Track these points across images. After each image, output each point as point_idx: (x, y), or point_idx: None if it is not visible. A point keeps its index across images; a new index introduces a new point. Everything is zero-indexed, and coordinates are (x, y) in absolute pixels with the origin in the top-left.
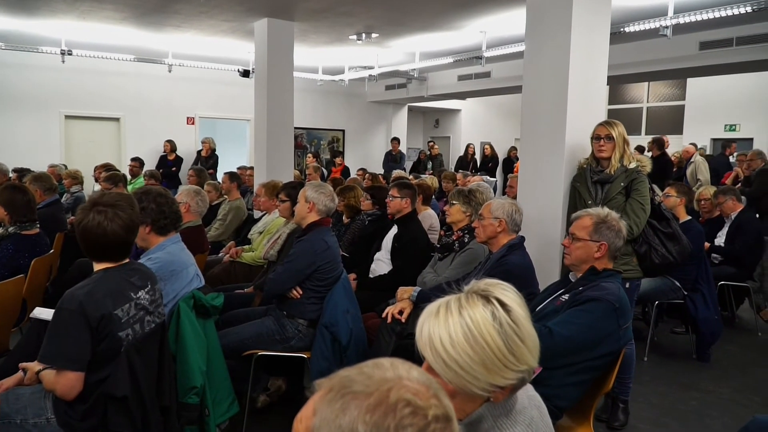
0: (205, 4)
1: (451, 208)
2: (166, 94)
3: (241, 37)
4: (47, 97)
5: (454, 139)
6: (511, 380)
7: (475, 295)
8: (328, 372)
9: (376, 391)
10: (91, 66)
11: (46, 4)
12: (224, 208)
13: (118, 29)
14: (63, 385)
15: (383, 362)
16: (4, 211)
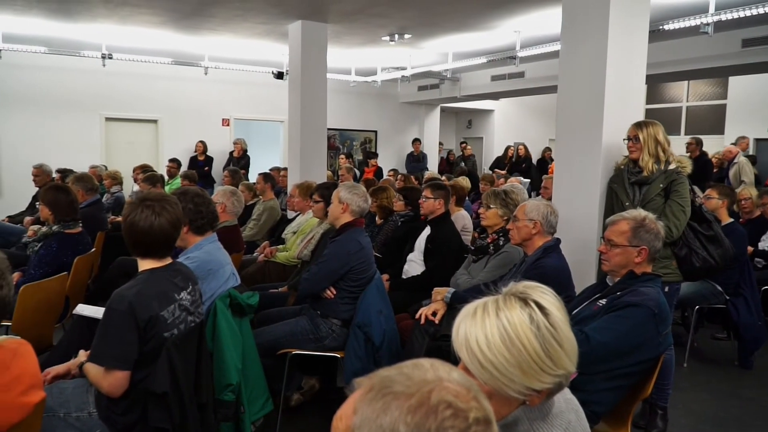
0: (241, 7)
1: (487, 211)
2: (201, 97)
3: (276, 40)
4: (88, 99)
5: (487, 140)
6: (548, 384)
7: (513, 297)
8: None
9: (417, 392)
10: (130, 69)
11: (88, 9)
12: (258, 209)
13: (156, 33)
14: (110, 383)
15: (423, 363)
16: (48, 211)
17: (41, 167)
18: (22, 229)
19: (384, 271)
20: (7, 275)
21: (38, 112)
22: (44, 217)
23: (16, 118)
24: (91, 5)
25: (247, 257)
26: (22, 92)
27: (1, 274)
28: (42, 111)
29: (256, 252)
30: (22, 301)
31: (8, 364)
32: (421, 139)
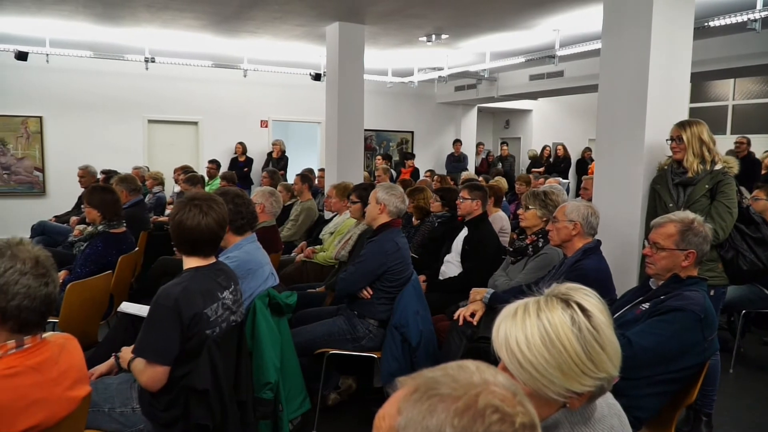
0: (280, 9)
1: (526, 212)
2: (241, 99)
3: (313, 41)
4: (132, 102)
5: (525, 140)
6: (589, 387)
7: (555, 299)
8: (398, 372)
9: (464, 395)
10: (172, 72)
11: (132, 14)
12: (296, 209)
13: (197, 36)
14: (149, 377)
15: (468, 365)
16: (96, 212)
17: (87, 168)
18: (69, 228)
19: (421, 272)
20: (53, 273)
21: (83, 114)
22: (91, 218)
23: (62, 120)
24: (135, 9)
25: (285, 257)
26: (68, 95)
27: (47, 272)
28: (87, 114)
29: (293, 252)
30: (68, 299)
31: (56, 359)
32: (458, 139)
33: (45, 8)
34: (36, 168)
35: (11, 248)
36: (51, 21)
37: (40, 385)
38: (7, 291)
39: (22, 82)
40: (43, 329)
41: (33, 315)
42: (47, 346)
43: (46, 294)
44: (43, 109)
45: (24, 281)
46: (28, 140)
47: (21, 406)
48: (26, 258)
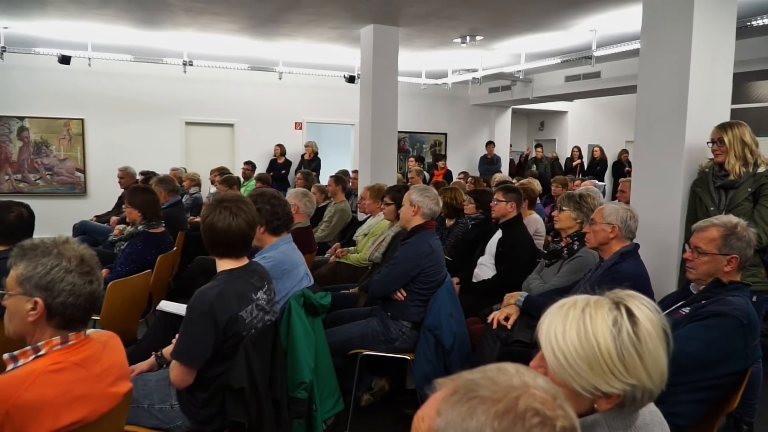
0: (315, 12)
1: (560, 214)
2: (276, 101)
3: (348, 44)
4: (170, 105)
5: (560, 142)
6: (616, 389)
7: (606, 299)
8: (431, 375)
9: (504, 397)
10: (209, 75)
11: (170, 18)
12: (330, 210)
13: (234, 40)
14: (176, 374)
15: (508, 368)
16: (136, 212)
17: (126, 169)
18: (109, 228)
19: (454, 275)
20: (97, 271)
21: (123, 117)
22: (131, 218)
23: (102, 122)
24: (174, 14)
25: (319, 258)
26: (109, 98)
27: (91, 270)
28: (126, 116)
29: (327, 253)
30: (109, 297)
31: (99, 355)
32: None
33: (87, 13)
34: (77, 169)
35: (57, 247)
36: (93, 25)
37: (84, 380)
38: (53, 288)
39: (65, 86)
40: (87, 326)
41: (78, 312)
42: (91, 343)
43: (90, 291)
44: (85, 112)
45: (69, 279)
46: (70, 142)
47: (65, 401)
48: (72, 256)
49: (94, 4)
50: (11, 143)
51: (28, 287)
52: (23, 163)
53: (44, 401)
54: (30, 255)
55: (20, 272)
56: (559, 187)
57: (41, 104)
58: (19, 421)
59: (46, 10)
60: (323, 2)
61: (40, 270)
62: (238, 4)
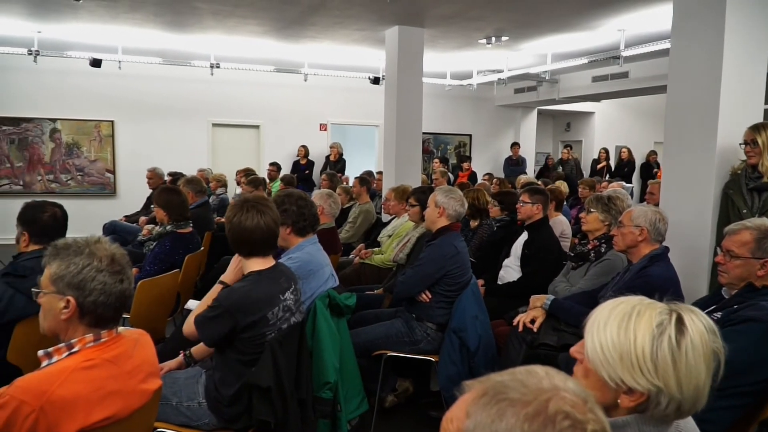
0: (340, 14)
1: (588, 215)
2: (301, 102)
3: (372, 45)
4: (197, 107)
5: (587, 143)
6: (640, 386)
7: (662, 305)
8: (456, 377)
9: (534, 400)
10: (235, 77)
11: (198, 21)
12: (354, 212)
13: (260, 42)
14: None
15: (537, 370)
16: (163, 212)
17: (154, 170)
18: (138, 228)
19: (478, 276)
20: (128, 270)
21: (152, 118)
22: (159, 218)
23: (132, 124)
24: (202, 17)
25: (343, 259)
26: (138, 100)
27: (122, 269)
28: (155, 117)
29: (351, 254)
30: (139, 296)
31: (131, 353)
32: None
33: (118, 17)
34: (107, 170)
35: (89, 246)
36: (123, 29)
37: (116, 377)
38: (84, 287)
39: (96, 88)
40: (118, 324)
41: (108, 310)
42: (122, 340)
43: (121, 290)
44: (115, 114)
45: (100, 278)
46: (101, 143)
47: (98, 397)
48: (103, 256)
49: (125, 8)
50: (43, 145)
51: (61, 286)
52: (55, 164)
53: (77, 397)
54: (63, 254)
55: (53, 271)
56: (587, 189)
57: (73, 106)
58: (53, 417)
59: (78, 14)
60: (349, 4)
61: (72, 269)
62: (265, 7)
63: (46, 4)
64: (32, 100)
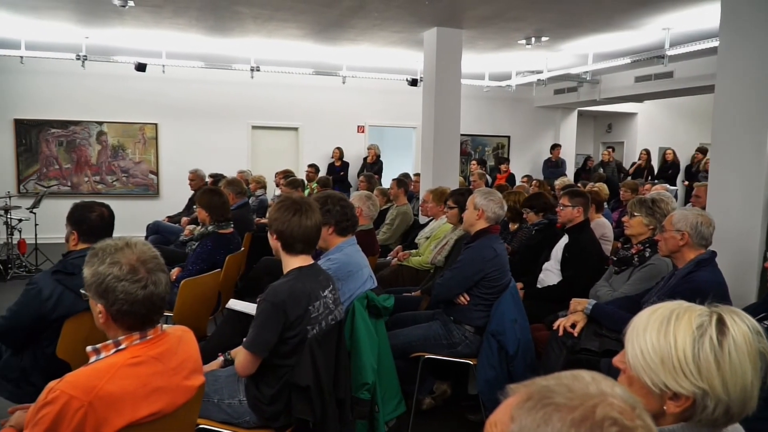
0: (379, 17)
1: (631, 219)
2: (339, 105)
3: (410, 47)
4: (237, 109)
5: (629, 144)
6: (684, 390)
7: (702, 307)
8: (494, 380)
9: (581, 405)
10: (275, 80)
11: (240, 25)
12: (392, 213)
13: (299, 45)
14: (240, 361)
15: (583, 375)
16: (205, 212)
17: (196, 172)
18: (180, 228)
19: (517, 280)
20: (155, 274)
21: (194, 121)
22: (201, 218)
23: (174, 126)
24: (243, 21)
25: (381, 261)
26: (180, 103)
27: (145, 276)
28: (197, 120)
29: (389, 256)
30: (182, 295)
31: (175, 349)
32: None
33: (162, 22)
34: (151, 171)
35: (111, 255)
36: (167, 33)
37: (161, 374)
38: (107, 297)
39: (141, 92)
40: (157, 323)
41: (134, 317)
42: (167, 337)
43: (145, 296)
44: (159, 116)
45: (121, 287)
46: (145, 145)
47: (144, 393)
48: (125, 263)
49: (169, 14)
50: (90, 147)
51: (92, 293)
52: (101, 166)
53: (125, 393)
54: (91, 262)
55: (86, 277)
56: (629, 191)
57: (118, 110)
58: (102, 412)
59: (125, 19)
60: (387, 6)
61: (96, 279)
62: (305, 11)
63: (94, 11)
64: (80, 103)
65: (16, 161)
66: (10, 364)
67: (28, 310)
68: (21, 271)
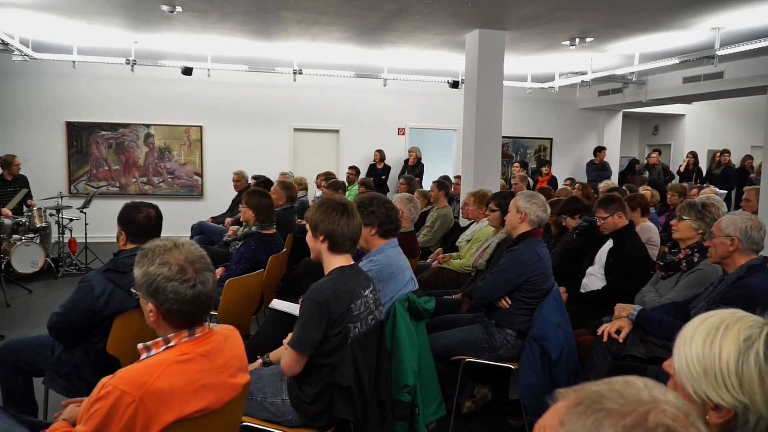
0: (421, 19)
1: (680, 223)
2: (380, 107)
3: (452, 49)
4: (279, 112)
5: (676, 147)
6: (725, 403)
7: (755, 318)
8: (536, 386)
9: (633, 411)
10: (317, 83)
11: (284, 29)
12: (432, 216)
13: (341, 48)
14: (286, 361)
15: (635, 381)
16: (251, 213)
17: (241, 173)
18: (224, 229)
19: (560, 284)
20: (203, 273)
21: (237, 123)
22: (245, 218)
23: (218, 129)
24: (287, 25)
25: (421, 263)
26: (224, 106)
27: (193, 276)
28: (240, 123)
29: (429, 258)
30: (226, 294)
31: (222, 348)
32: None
33: (208, 27)
34: (195, 172)
35: (160, 255)
36: (213, 38)
37: (209, 371)
38: (158, 296)
39: (187, 95)
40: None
41: (183, 316)
42: (215, 336)
43: (194, 295)
44: (203, 119)
45: (170, 287)
46: (190, 147)
47: (192, 389)
48: (173, 263)
49: (215, 19)
50: (138, 149)
51: (143, 292)
52: (148, 167)
53: (174, 389)
54: (141, 262)
55: (137, 277)
56: (676, 195)
57: (165, 113)
58: (152, 407)
59: (172, 25)
60: (430, 9)
61: (146, 279)
62: (348, 14)
63: (143, 16)
64: (128, 106)
65: (67, 162)
66: (62, 359)
67: (80, 307)
68: (71, 269)
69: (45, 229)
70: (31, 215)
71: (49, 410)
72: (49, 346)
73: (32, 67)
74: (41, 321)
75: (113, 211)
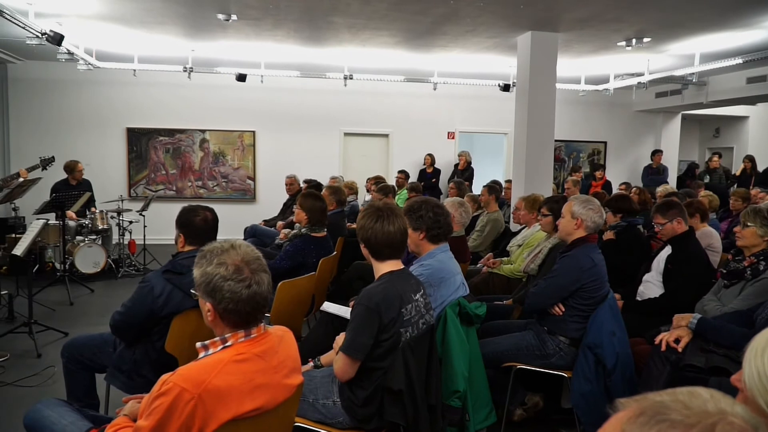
0: (472, 23)
1: (744, 230)
2: (429, 111)
3: (503, 52)
4: (330, 116)
5: (739, 150)
6: None
7: None
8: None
9: (698, 423)
10: (367, 88)
11: (335, 35)
12: (482, 220)
13: (392, 53)
14: (339, 366)
15: (700, 392)
16: (304, 214)
17: (294, 177)
18: (276, 232)
19: (615, 291)
20: (258, 275)
21: (289, 128)
22: (298, 219)
23: (270, 134)
24: (338, 31)
25: (471, 268)
26: (277, 111)
27: (249, 276)
28: (291, 128)
29: (479, 263)
30: (279, 296)
31: (276, 348)
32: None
33: (262, 34)
34: (248, 177)
35: (220, 255)
36: (266, 45)
37: (264, 371)
38: (215, 296)
39: (240, 101)
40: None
41: (239, 315)
42: (269, 336)
43: (249, 295)
44: (256, 124)
45: (227, 286)
46: (243, 152)
47: (248, 388)
48: (230, 263)
49: (269, 26)
50: (194, 153)
51: (201, 292)
52: (203, 172)
53: (231, 388)
54: (200, 263)
55: (196, 277)
56: (739, 200)
57: (220, 118)
58: (210, 405)
59: (228, 32)
60: (480, 12)
61: (205, 278)
62: (398, 19)
63: (200, 25)
64: (185, 113)
65: (127, 167)
66: (123, 356)
67: (141, 306)
68: (131, 270)
69: (106, 231)
70: (94, 218)
71: (110, 406)
72: (111, 343)
73: (96, 76)
74: (102, 319)
75: (170, 214)
